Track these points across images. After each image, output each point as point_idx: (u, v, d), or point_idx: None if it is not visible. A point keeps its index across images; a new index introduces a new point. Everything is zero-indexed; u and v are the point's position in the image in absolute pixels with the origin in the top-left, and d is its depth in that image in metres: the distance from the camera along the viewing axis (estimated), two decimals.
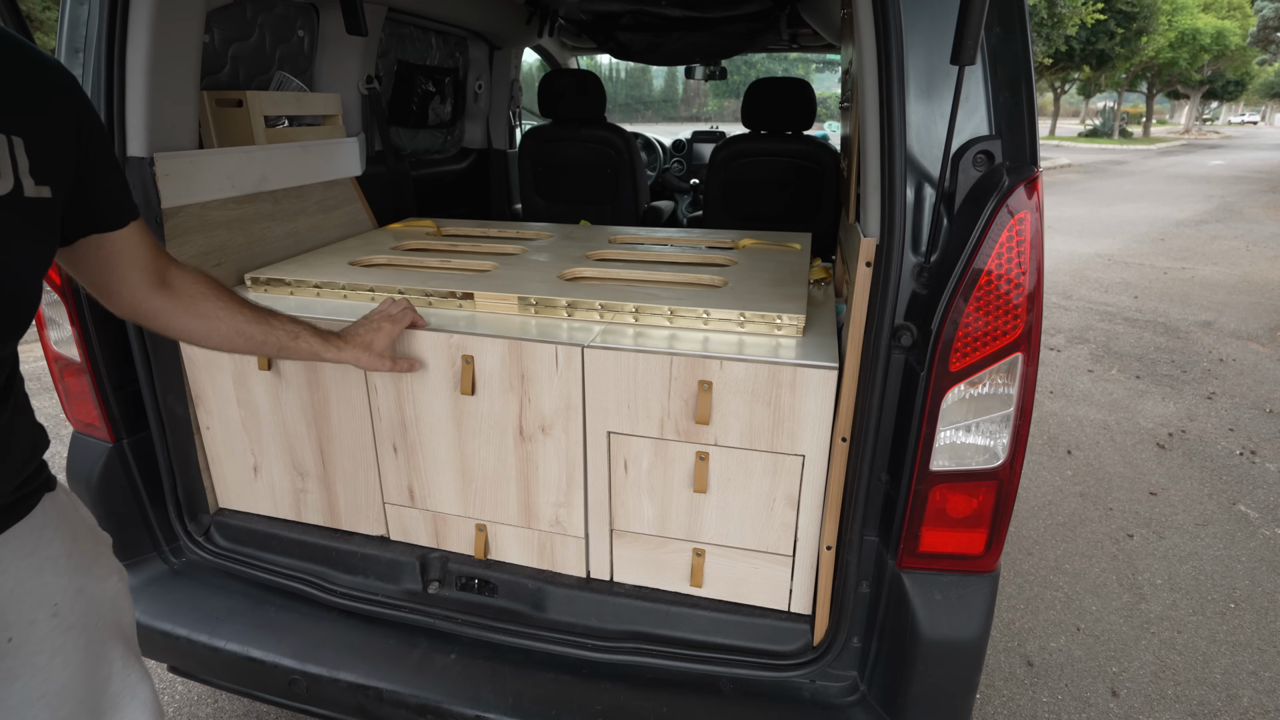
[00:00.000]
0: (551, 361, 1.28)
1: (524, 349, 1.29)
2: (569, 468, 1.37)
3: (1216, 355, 4.72)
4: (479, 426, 1.38)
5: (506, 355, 1.30)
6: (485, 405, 1.36)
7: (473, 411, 1.37)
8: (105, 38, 1.36)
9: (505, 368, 1.32)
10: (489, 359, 1.32)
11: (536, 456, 1.38)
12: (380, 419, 1.44)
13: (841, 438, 1.24)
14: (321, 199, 2.04)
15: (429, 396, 1.39)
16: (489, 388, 1.34)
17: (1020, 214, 1.00)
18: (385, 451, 1.47)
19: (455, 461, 1.43)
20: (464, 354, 1.34)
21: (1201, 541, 2.70)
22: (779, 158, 2.95)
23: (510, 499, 1.43)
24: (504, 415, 1.36)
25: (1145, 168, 18.89)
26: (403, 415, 1.42)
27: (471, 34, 3.06)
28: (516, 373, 1.31)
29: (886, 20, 1.03)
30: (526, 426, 1.36)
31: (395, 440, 1.45)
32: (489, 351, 1.31)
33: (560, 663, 1.39)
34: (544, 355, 1.29)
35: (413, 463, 1.46)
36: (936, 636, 1.17)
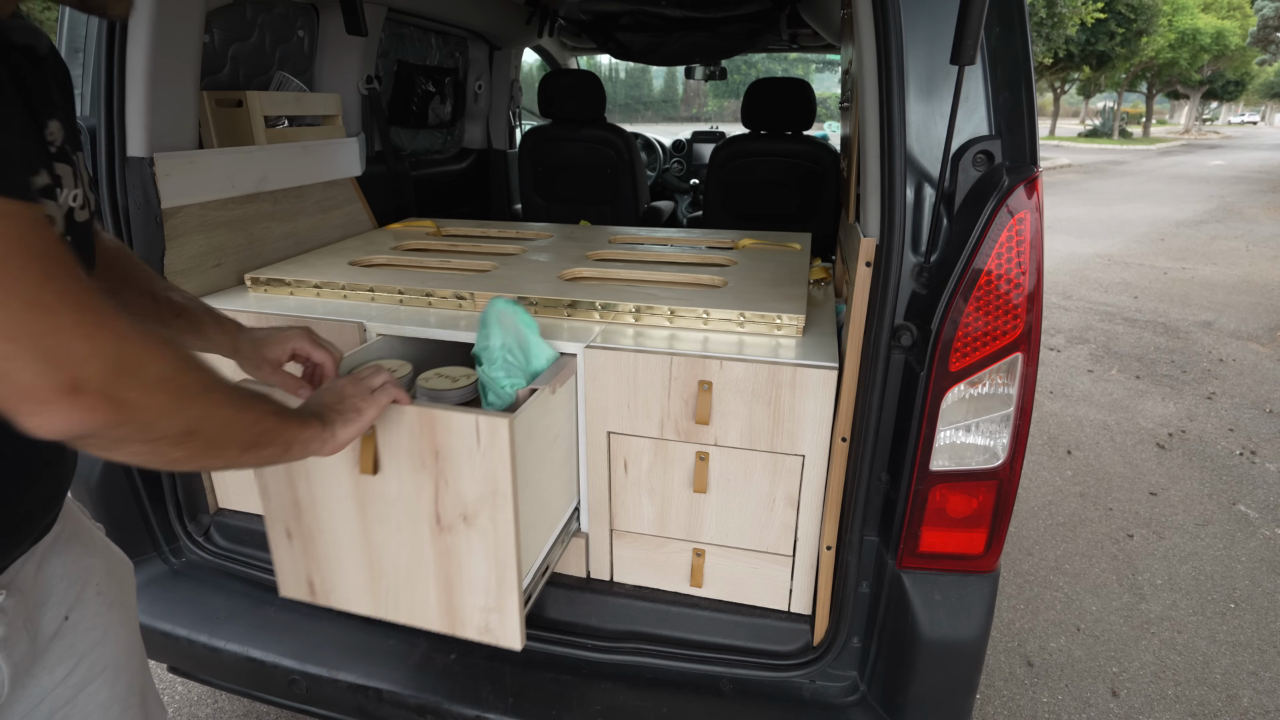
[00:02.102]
0: (471, 436, 1.01)
1: (437, 420, 1.02)
2: (499, 567, 1.10)
3: (1216, 355, 4.72)
4: (386, 511, 1.12)
5: (416, 427, 1.04)
6: (392, 486, 1.09)
7: (378, 493, 1.10)
8: (105, 38, 1.36)
9: (415, 442, 1.04)
10: (394, 431, 1.05)
11: (458, 551, 1.11)
12: (268, 497, 1.16)
13: (841, 438, 1.24)
14: (321, 199, 2.04)
15: (324, 473, 1.11)
16: (396, 465, 1.07)
17: (1020, 214, 1.00)
18: (277, 536, 1.19)
19: (361, 552, 1.16)
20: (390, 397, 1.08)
21: (1201, 541, 2.70)
22: (779, 158, 2.95)
23: (429, 599, 1.16)
24: (415, 499, 1.09)
25: (1145, 168, 18.90)
26: (294, 494, 1.14)
27: (471, 34, 3.06)
28: (428, 448, 1.04)
29: (886, 20, 1.03)
30: (444, 514, 1.09)
31: (288, 524, 1.18)
32: (394, 422, 1.04)
33: (560, 663, 1.39)
34: (462, 429, 1.02)
35: (310, 551, 1.19)
36: (936, 636, 1.17)
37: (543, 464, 1.23)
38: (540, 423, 1.19)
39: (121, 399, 0.56)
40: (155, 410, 0.59)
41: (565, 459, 1.36)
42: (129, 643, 0.92)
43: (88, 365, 0.53)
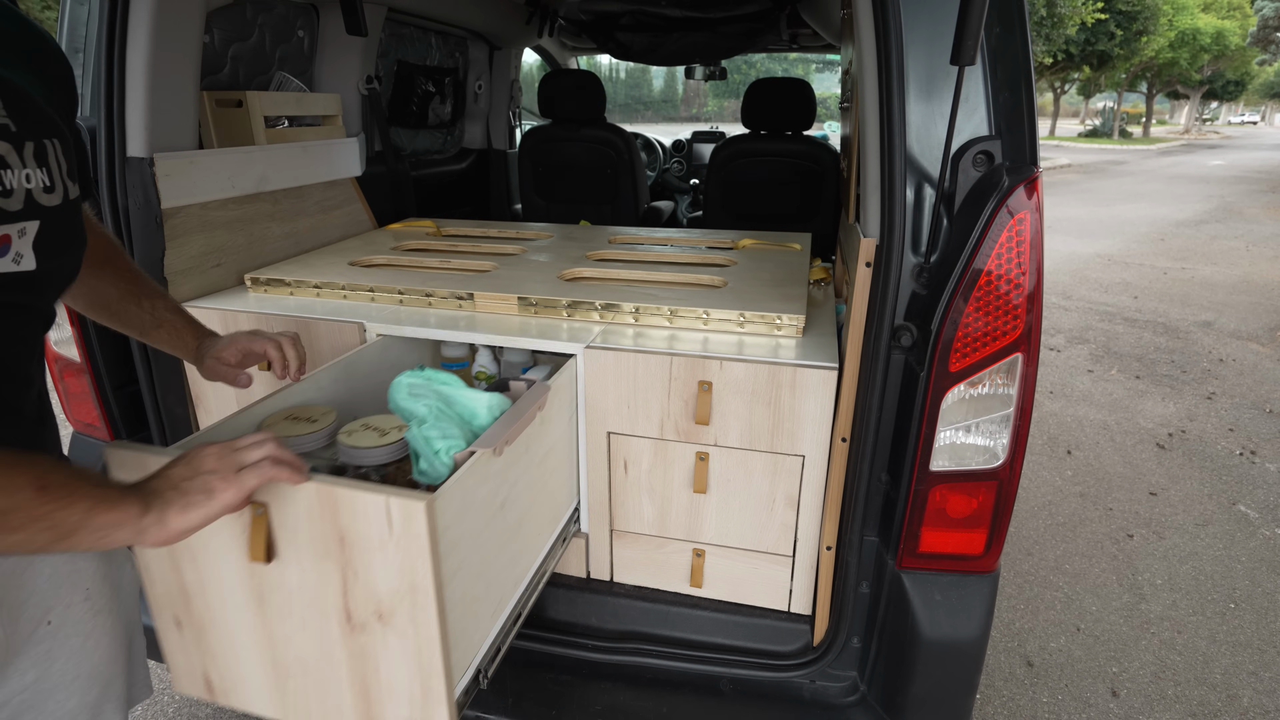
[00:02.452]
0: (382, 520, 0.83)
1: (339, 500, 0.84)
2: (423, 674, 0.92)
3: (1216, 355, 4.72)
4: (288, 604, 0.94)
5: (316, 508, 0.85)
6: (293, 575, 0.91)
7: (276, 583, 0.93)
8: (105, 38, 1.36)
9: (315, 525, 0.87)
10: (291, 510, 0.87)
11: (374, 653, 0.93)
12: (151, 580, 0.98)
13: (841, 438, 1.24)
14: (321, 199, 2.04)
15: (211, 558, 0.94)
16: (295, 552, 0.89)
17: (1020, 214, 1.00)
18: (165, 626, 1.02)
19: (261, 649, 0.99)
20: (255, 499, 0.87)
21: (1201, 541, 2.70)
22: (779, 158, 2.95)
23: (343, 705, 0.98)
24: (320, 592, 0.91)
25: (1145, 168, 18.90)
26: (180, 579, 0.97)
27: (471, 34, 3.06)
28: (332, 533, 0.86)
29: (886, 20, 1.03)
30: (355, 611, 0.92)
31: (176, 611, 1.00)
32: (289, 499, 0.86)
33: (560, 663, 1.39)
34: (370, 511, 0.84)
35: (203, 643, 1.01)
36: (936, 637, 1.17)
37: (485, 538, 1.03)
38: (479, 493, 0.98)
39: None
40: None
41: (522, 521, 1.17)
42: (111, 651, 0.89)
43: None
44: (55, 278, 0.76)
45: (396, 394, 1.10)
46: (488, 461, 0.99)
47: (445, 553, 0.87)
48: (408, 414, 1.07)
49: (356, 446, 1.08)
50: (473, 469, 0.95)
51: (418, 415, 1.03)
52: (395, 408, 1.10)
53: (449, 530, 0.89)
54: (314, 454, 1.13)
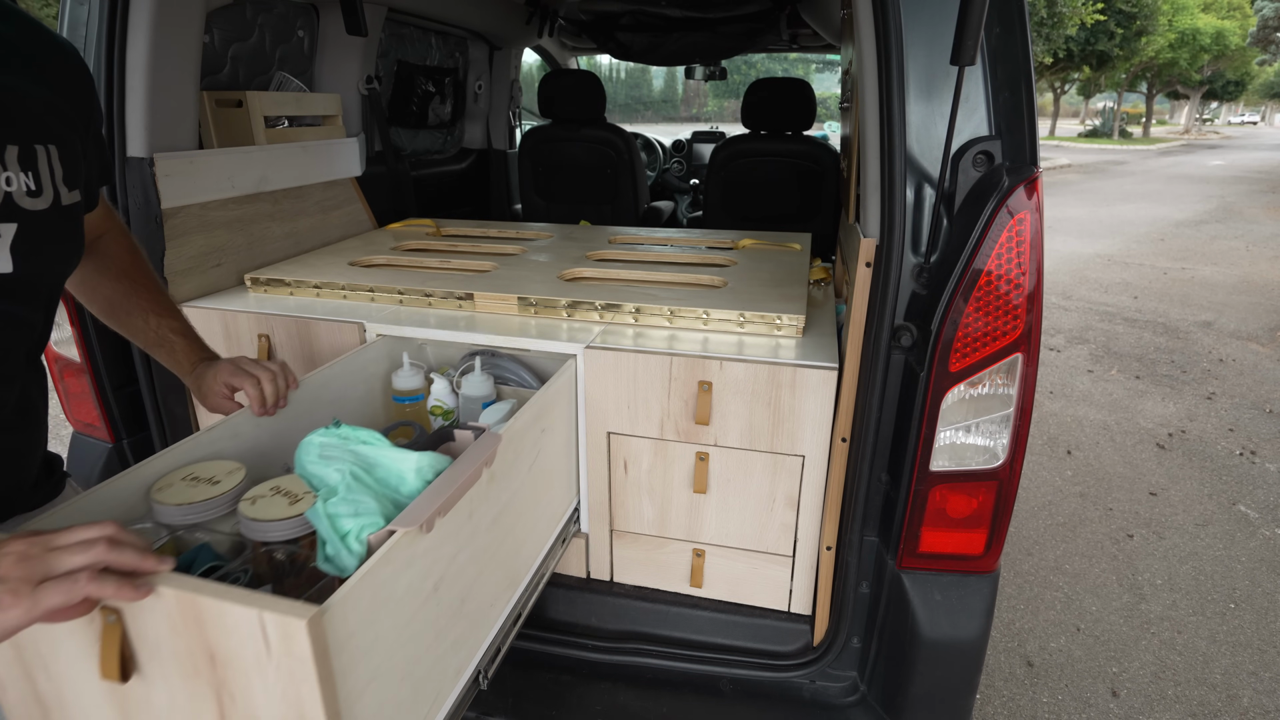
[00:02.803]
0: (258, 638, 0.66)
1: (204, 610, 0.67)
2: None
3: (1216, 355, 4.72)
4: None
5: (179, 620, 0.68)
6: (159, 695, 0.74)
7: (140, 701, 0.76)
8: (105, 38, 1.36)
9: (179, 639, 0.70)
10: (149, 619, 0.69)
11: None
12: (3, 686, 0.81)
13: (841, 438, 1.24)
14: (321, 199, 2.04)
15: (65, 670, 0.77)
16: (159, 668, 0.73)
17: (1020, 214, 1.00)
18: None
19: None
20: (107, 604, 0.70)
21: (1201, 541, 2.70)
22: (779, 158, 2.95)
23: None
24: (194, 716, 0.74)
25: (1145, 168, 18.89)
26: (35, 689, 0.80)
27: (471, 34, 3.06)
28: (200, 648, 0.69)
29: (886, 20, 1.03)
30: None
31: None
32: (150, 613, 0.69)
33: (560, 663, 1.39)
34: (242, 626, 0.66)
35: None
36: (936, 637, 1.17)
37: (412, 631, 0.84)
38: (401, 581, 0.80)
39: None
40: None
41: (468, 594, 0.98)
42: None
43: None
44: (38, 282, 0.76)
45: (304, 457, 0.90)
46: (413, 542, 0.81)
47: (346, 670, 0.71)
48: (317, 482, 0.88)
49: (258, 519, 0.88)
50: (390, 556, 0.77)
51: (329, 484, 0.86)
52: (303, 474, 0.90)
53: (353, 639, 0.71)
54: (211, 525, 0.93)
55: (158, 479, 0.95)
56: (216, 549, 0.90)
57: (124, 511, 0.91)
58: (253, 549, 0.91)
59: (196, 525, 0.92)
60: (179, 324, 1.09)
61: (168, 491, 0.92)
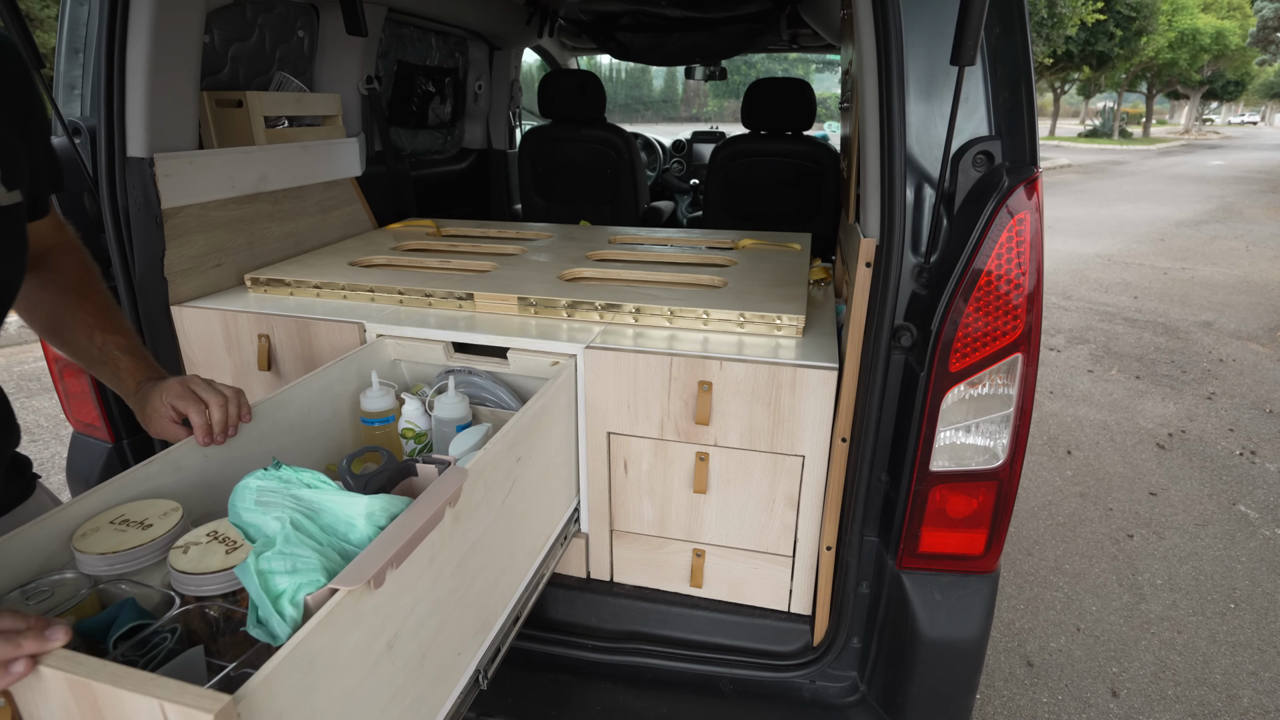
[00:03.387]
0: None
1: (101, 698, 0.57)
2: None
3: (1216, 355, 4.72)
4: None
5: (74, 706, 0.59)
6: None
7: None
8: (105, 38, 1.36)
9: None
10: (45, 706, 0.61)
11: None
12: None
13: (841, 438, 1.24)
14: (321, 199, 2.04)
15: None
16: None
17: (1020, 214, 1.00)
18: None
19: None
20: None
21: (1201, 541, 2.70)
22: (779, 158, 2.95)
23: None
24: None
25: (1145, 168, 18.89)
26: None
27: (471, 34, 3.06)
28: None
29: (886, 20, 1.03)
30: None
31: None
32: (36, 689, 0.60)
33: (560, 663, 1.39)
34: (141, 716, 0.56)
35: None
36: (936, 637, 1.17)
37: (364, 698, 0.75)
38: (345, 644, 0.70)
39: None
40: None
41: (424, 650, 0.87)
42: None
43: None
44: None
45: (239, 503, 0.80)
46: (358, 600, 0.70)
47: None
48: (254, 532, 0.79)
49: (189, 572, 0.78)
50: (331, 619, 0.66)
51: (267, 534, 0.76)
52: (238, 523, 0.80)
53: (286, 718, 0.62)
54: (141, 575, 0.84)
55: (84, 521, 0.85)
56: (144, 603, 0.78)
57: (44, 560, 0.81)
58: (182, 605, 0.79)
59: (122, 576, 0.82)
60: (126, 340, 0.99)
61: (92, 538, 0.82)
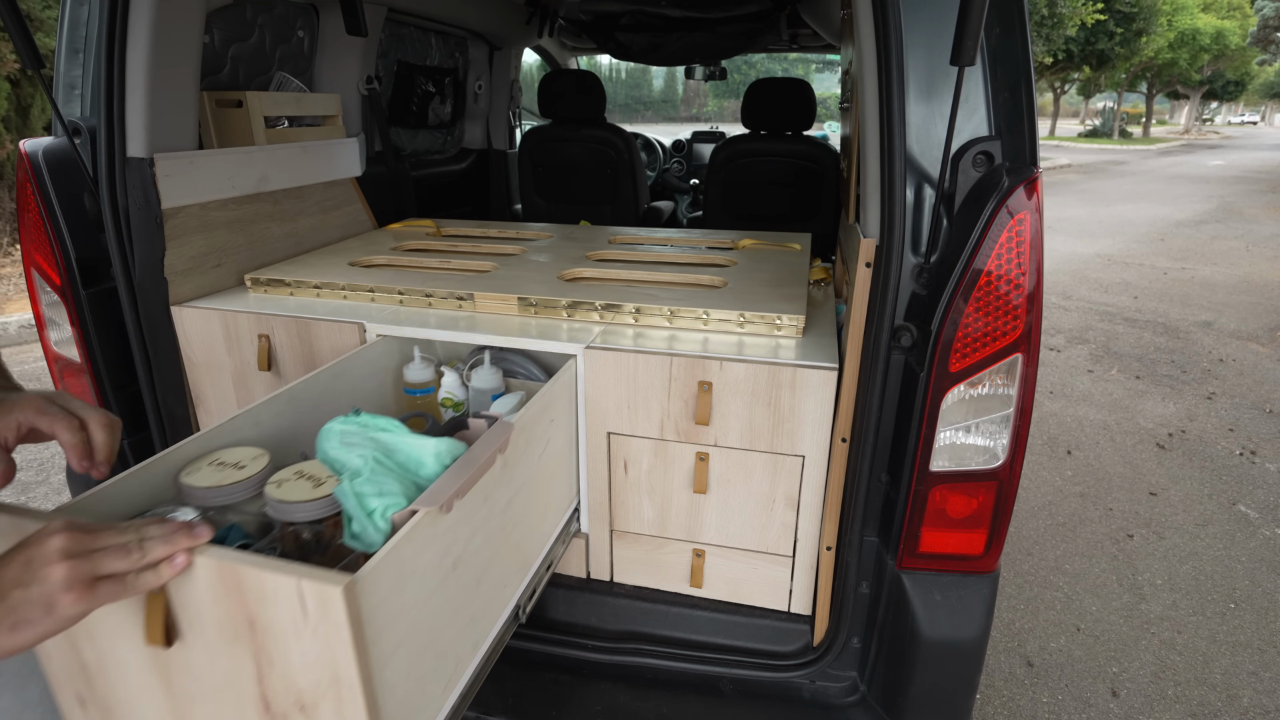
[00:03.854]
0: (295, 605, 0.71)
1: (244, 581, 0.72)
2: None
3: (1216, 355, 4.72)
4: (199, 689, 0.83)
5: (219, 587, 0.74)
6: (200, 659, 0.80)
7: (183, 665, 0.82)
8: (105, 38, 1.36)
9: (220, 606, 0.75)
10: (191, 590, 0.75)
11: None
12: (49, 659, 0.89)
13: (841, 438, 1.24)
14: (321, 199, 2.04)
15: (108, 638, 0.83)
16: (200, 634, 0.78)
17: (1020, 215, 1.00)
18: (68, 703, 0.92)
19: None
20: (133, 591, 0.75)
21: (1201, 541, 2.70)
22: (779, 158, 2.96)
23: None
24: (233, 678, 0.80)
25: (1145, 168, 18.89)
26: (79, 657, 0.87)
27: (471, 34, 3.06)
28: (240, 616, 0.75)
29: (886, 21, 1.03)
30: (273, 700, 0.81)
31: (79, 689, 0.90)
32: (191, 582, 0.74)
33: (560, 663, 1.39)
34: (280, 594, 0.71)
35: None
36: (936, 637, 1.17)
37: (435, 603, 0.90)
38: (424, 558, 0.85)
39: None
40: None
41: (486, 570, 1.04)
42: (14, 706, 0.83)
43: None
44: None
45: (326, 443, 0.94)
46: (434, 521, 0.85)
47: (376, 636, 0.76)
48: (339, 466, 0.93)
49: (285, 500, 0.92)
50: (413, 533, 0.81)
51: (351, 467, 0.90)
52: (324, 459, 0.94)
53: (381, 607, 0.76)
54: (239, 506, 0.97)
55: (186, 464, 0.99)
56: (245, 529, 0.93)
57: (152, 494, 0.93)
58: (280, 529, 0.94)
59: (225, 507, 0.95)
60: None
61: (196, 475, 0.96)
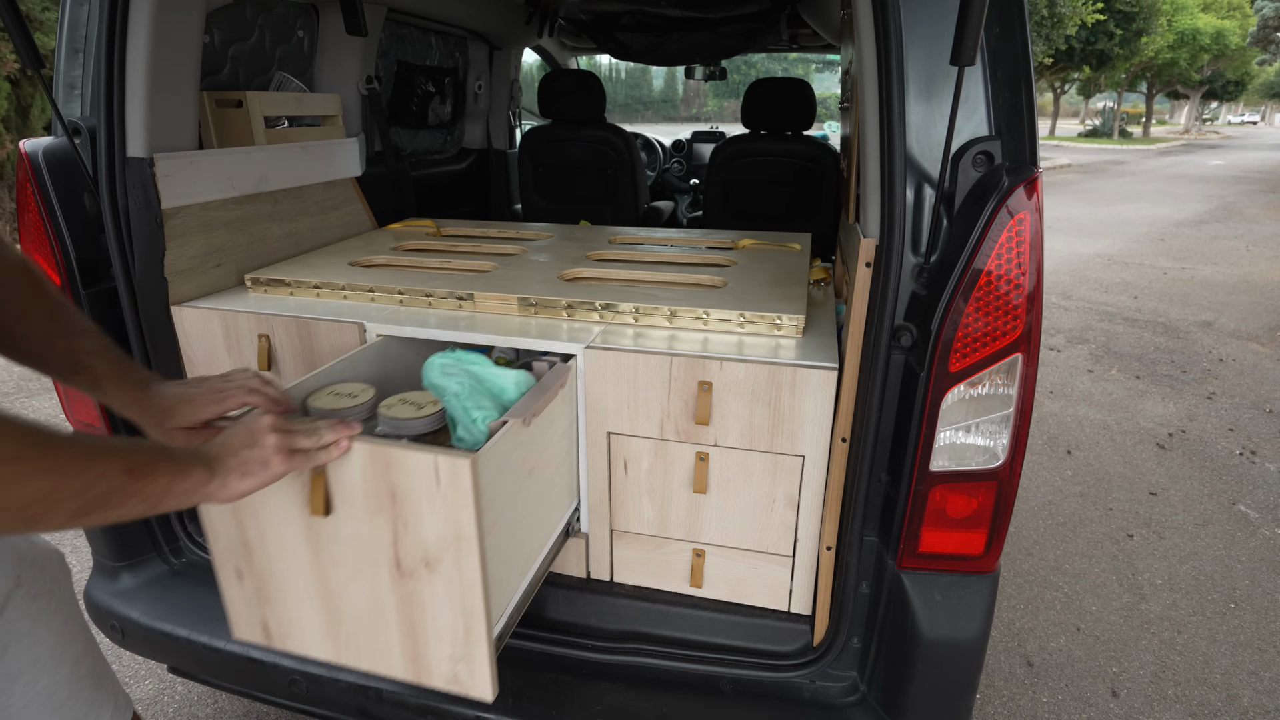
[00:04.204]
0: (430, 476, 0.94)
1: (392, 459, 0.94)
2: (466, 615, 1.02)
3: (1216, 355, 4.72)
4: (342, 554, 1.04)
5: (370, 466, 0.96)
6: (347, 528, 1.01)
7: (331, 535, 1.02)
8: (105, 38, 1.36)
9: (369, 483, 0.97)
10: (347, 470, 0.97)
11: (421, 597, 1.03)
12: (216, 536, 1.08)
13: (841, 438, 1.24)
14: (321, 199, 2.04)
15: (271, 513, 1.03)
16: (350, 507, 0.99)
17: (1020, 214, 1.00)
18: (227, 577, 1.12)
19: (318, 597, 1.09)
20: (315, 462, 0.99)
21: (1201, 541, 2.70)
22: (779, 158, 2.95)
23: (392, 646, 1.08)
24: (373, 543, 1.01)
25: (1145, 168, 18.89)
26: (243, 534, 1.06)
27: (471, 34, 3.06)
28: (384, 489, 0.96)
29: (886, 21, 1.03)
30: (405, 558, 1.01)
31: (238, 563, 1.10)
32: (346, 460, 0.96)
33: (560, 663, 1.39)
34: (419, 469, 0.94)
35: (263, 593, 1.11)
36: (936, 637, 1.17)
37: (516, 500, 1.13)
38: (512, 457, 1.08)
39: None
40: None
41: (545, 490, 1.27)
42: (66, 629, 0.91)
43: None
44: None
45: (430, 372, 1.20)
46: (518, 431, 1.09)
47: (486, 506, 0.97)
48: (441, 390, 1.17)
49: (397, 418, 1.16)
50: (506, 436, 1.05)
51: (451, 390, 1.15)
52: (429, 384, 1.19)
53: (488, 488, 0.98)
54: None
55: (307, 395, 1.17)
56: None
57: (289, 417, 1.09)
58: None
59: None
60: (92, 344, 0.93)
61: (321, 401, 1.16)
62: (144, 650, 1.54)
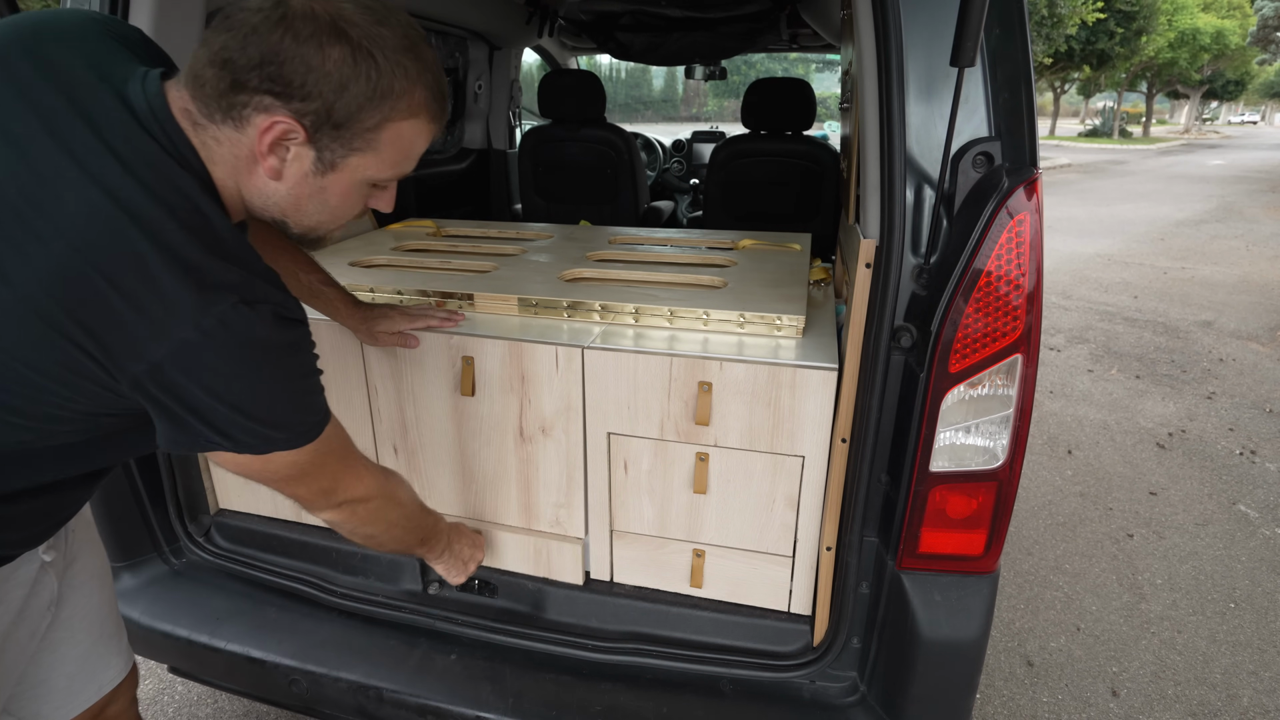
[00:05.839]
0: (551, 363, 1.29)
1: (524, 350, 1.29)
2: (569, 468, 1.37)
3: (1216, 355, 4.72)
4: (479, 428, 1.39)
5: (507, 356, 1.31)
6: (485, 406, 1.37)
7: (473, 413, 1.38)
8: None
9: (505, 369, 1.32)
10: (489, 360, 1.32)
11: (537, 457, 1.39)
12: (380, 420, 1.45)
13: (841, 439, 1.24)
14: None
15: (429, 398, 1.40)
16: (489, 389, 1.35)
17: (1020, 215, 1.00)
18: (385, 453, 1.48)
19: (455, 463, 1.45)
20: (464, 355, 1.34)
21: (1201, 541, 2.70)
22: (779, 158, 2.95)
23: (510, 500, 1.45)
24: (504, 416, 1.37)
25: (1145, 167, 18.89)
26: (403, 416, 1.43)
27: (471, 34, 3.06)
28: (516, 374, 1.32)
29: (886, 21, 1.03)
30: (527, 427, 1.36)
31: (395, 441, 1.46)
32: (489, 353, 1.32)
33: (560, 663, 1.39)
34: (544, 356, 1.29)
35: (413, 464, 1.47)
36: (936, 637, 1.17)
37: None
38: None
39: (350, 514, 1.00)
40: (362, 522, 1.03)
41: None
42: (102, 594, 1.12)
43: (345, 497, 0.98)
44: None
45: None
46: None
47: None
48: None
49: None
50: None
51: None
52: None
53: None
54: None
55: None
56: None
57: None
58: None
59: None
60: (321, 277, 1.28)
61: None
62: (144, 650, 1.54)
